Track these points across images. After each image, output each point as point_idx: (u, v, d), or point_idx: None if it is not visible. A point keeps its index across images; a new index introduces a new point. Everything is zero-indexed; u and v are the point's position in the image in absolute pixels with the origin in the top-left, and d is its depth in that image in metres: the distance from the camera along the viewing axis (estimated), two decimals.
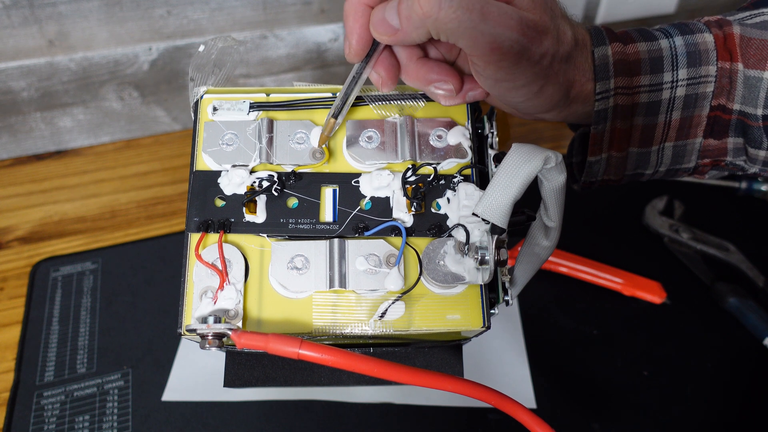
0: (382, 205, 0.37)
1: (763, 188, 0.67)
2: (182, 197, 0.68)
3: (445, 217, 0.37)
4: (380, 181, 0.37)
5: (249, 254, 0.36)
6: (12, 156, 0.72)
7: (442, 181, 0.37)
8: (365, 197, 0.37)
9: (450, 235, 0.36)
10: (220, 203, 0.36)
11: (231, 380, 0.39)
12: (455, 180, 0.37)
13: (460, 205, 0.36)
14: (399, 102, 0.39)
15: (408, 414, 0.51)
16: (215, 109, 0.38)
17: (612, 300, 0.59)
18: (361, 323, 0.35)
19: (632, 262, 0.61)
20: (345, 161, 0.38)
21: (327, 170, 0.38)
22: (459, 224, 0.35)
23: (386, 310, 0.34)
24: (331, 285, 0.35)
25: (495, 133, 0.39)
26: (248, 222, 0.36)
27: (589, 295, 0.59)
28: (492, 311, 0.36)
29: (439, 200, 0.37)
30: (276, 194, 0.36)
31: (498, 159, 0.36)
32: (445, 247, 0.35)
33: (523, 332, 0.56)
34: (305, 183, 0.37)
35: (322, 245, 0.36)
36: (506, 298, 0.38)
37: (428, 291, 0.36)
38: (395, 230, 0.36)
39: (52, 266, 0.61)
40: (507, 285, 0.38)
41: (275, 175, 0.37)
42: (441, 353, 0.41)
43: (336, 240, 0.36)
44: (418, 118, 0.39)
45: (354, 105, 0.39)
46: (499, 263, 0.33)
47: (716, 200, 0.68)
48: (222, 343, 0.32)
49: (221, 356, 0.40)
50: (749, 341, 0.56)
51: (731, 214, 0.67)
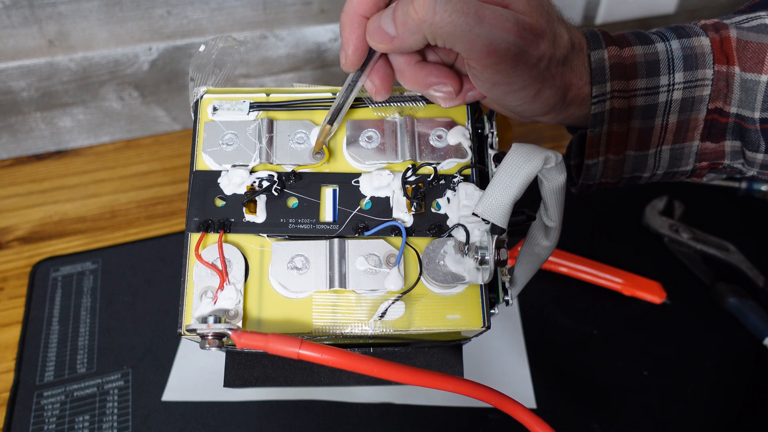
0: (382, 205, 0.37)
1: (763, 188, 0.67)
2: (182, 197, 0.68)
3: (445, 217, 0.37)
4: (380, 181, 0.37)
5: (249, 254, 0.36)
6: (12, 156, 0.72)
7: (442, 181, 0.37)
8: (365, 197, 0.37)
9: (450, 235, 0.36)
10: (220, 203, 0.36)
11: (231, 380, 0.39)
12: (455, 180, 0.37)
13: (460, 205, 0.36)
14: (399, 104, 0.39)
15: (408, 414, 0.51)
16: (215, 109, 0.38)
17: (612, 300, 0.59)
18: (361, 323, 0.35)
19: (632, 262, 0.61)
20: (345, 161, 0.38)
21: (327, 170, 0.38)
22: (459, 224, 0.35)
23: (386, 310, 0.34)
24: (331, 285, 0.35)
25: (495, 133, 0.39)
26: (248, 222, 0.36)
27: (589, 295, 0.59)
28: (492, 311, 0.36)
29: (439, 200, 0.37)
30: (276, 194, 0.36)
31: (498, 159, 0.36)
32: (445, 247, 0.35)
33: (523, 332, 0.56)
34: (305, 183, 0.37)
35: (322, 245, 0.36)
36: (506, 298, 0.38)
37: (428, 291, 0.36)
38: (395, 230, 0.36)
39: (52, 266, 0.61)
40: (507, 285, 0.38)
41: (275, 175, 0.37)
42: (441, 353, 0.41)
43: (336, 240, 0.36)
44: (418, 118, 0.39)
45: (354, 106, 0.39)
46: (499, 263, 0.33)
47: (716, 200, 0.68)
48: (222, 343, 0.32)
49: (221, 356, 0.40)
50: (749, 341, 0.56)
51: (731, 214, 0.67)
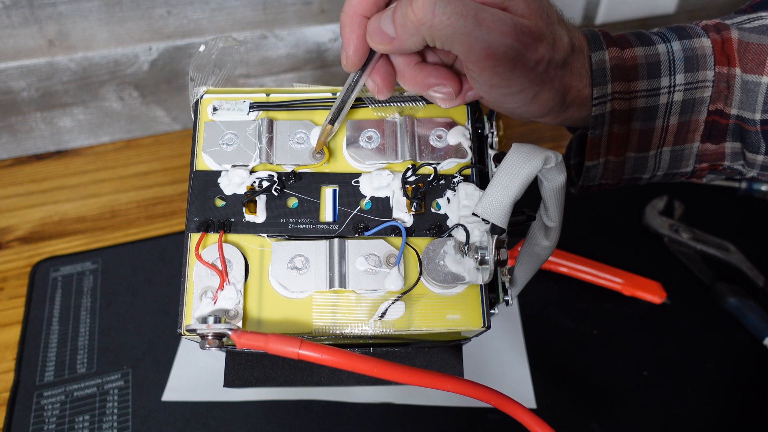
0: (382, 205, 0.37)
1: (763, 188, 0.67)
2: (182, 197, 0.68)
3: (445, 217, 0.37)
4: (380, 181, 0.37)
5: (249, 254, 0.36)
6: (12, 156, 0.72)
7: (442, 181, 0.37)
8: (365, 197, 0.37)
9: (450, 235, 0.36)
10: (220, 203, 0.36)
11: (231, 380, 0.39)
12: (455, 180, 0.37)
13: (460, 205, 0.36)
14: (399, 104, 0.39)
15: (408, 414, 0.51)
16: (215, 109, 0.38)
17: (612, 300, 0.59)
18: (361, 323, 0.35)
19: (632, 262, 0.61)
20: (345, 161, 0.38)
21: (327, 170, 0.38)
22: (459, 224, 0.35)
23: (386, 310, 0.34)
24: (331, 285, 0.35)
25: (495, 133, 0.39)
26: (248, 222, 0.36)
27: (589, 295, 0.59)
28: (492, 311, 0.36)
29: (439, 200, 0.37)
30: (276, 194, 0.36)
31: (498, 159, 0.36)
32: (445, 247, 0.35)
33: (523, 332, 0.56)
34: (305, 183, 0.37)
35: (322, 245, 0.35)
36: (506, 298, 0.38)
37: (428, 291, 0.36)
38: (395, 230, 0.36)
39: (52, 266, 0.61)
40: (507, 285, 0.38)
41: (275, 175, 0.37)
42: (441, 353, 0.40)
43: (336, 240, 0.36)
44: (418, 118, 0.39)
45: (354, 106, 0.39)
46: (499, 263, 0.33)
47: (716, 200, 0.68)
48: (222, 343, 0.32)
49: (221, 356, 0.40)
50: (749, 341, 0.56)
51: (731, 214, 0.67)
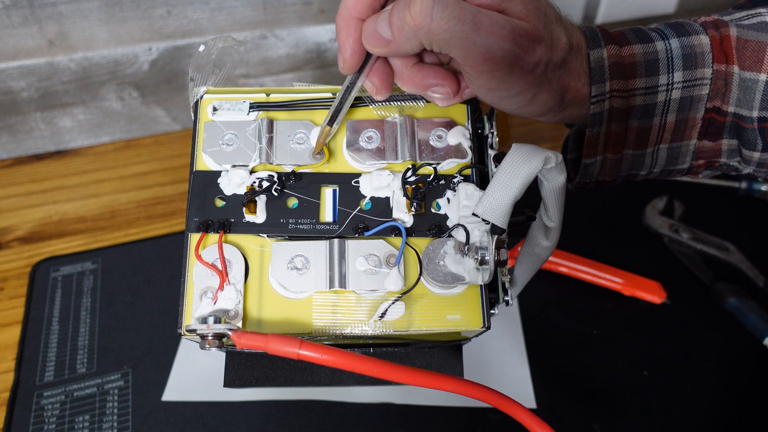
0: (382, 205, 0.37)
1: (763, 188, 0.67)
2: (182, 197, 0.68)
3: (445, 217, 0.37)
4: (380, 182, 0.37)
5: (249, 254, 0.36)
6: (12, 156, 0.72)
7: (442, 181, 0.37)
8: (365, 197, 0.37)
9: (450, 236, 0.36)
10: (220, 203, 0.36)
11: (231, 380, 0.39)
12: (455, 180, 0.37)
13: (460, 206, 0.36)
14: (399, 103, 0.39)
15: (408, 414, 0.51)
16: (215, 109, 0.38)
17: (612, 300, 0.59)
18: (361, 323, 0.35)
19: (632, 262, 0.61)
20: (345, 161, 0.38)
21: (327, 170, 0.38)
22: (459, 224, 0.35)
23: (386, 311, 0.34)
24: (331, 285, 0.35)
25: (495, 133, 0.39)
26: (248, 222, 0.36)
27: (589, 295, 0.59)
28: (492, 311, 0.36)
29: (439, 200, 0.37)
30: (276, 194, 0.36)
31: (498, 159, 0.36)
32: (445, 248, 0.35)
33: (523, 332, 0.56)
34: (305, 183, 0.37)
35: (322, 245, 0.35)
36: (506, 298, 0.38)
37: (428, 291, 0.36)
38: (395, 230, 0.36)
39: (52, 266, 0.61)
40: (507, 285, 0.38)
41: (275, 175, 0.37)
42: (441, 353, 0.41)
43: (336, 240, 0.36)
44: (418, 119, 0.39)
45: (354, 105, 0.39)
46: (499, 263, 0.33)
47: (716, 200, 0.68)
48: (222, 344, 0.32)
49: (221, 356, 0.40)
50: (749, 341, 0.56)
51: (731, 214, 0.67)
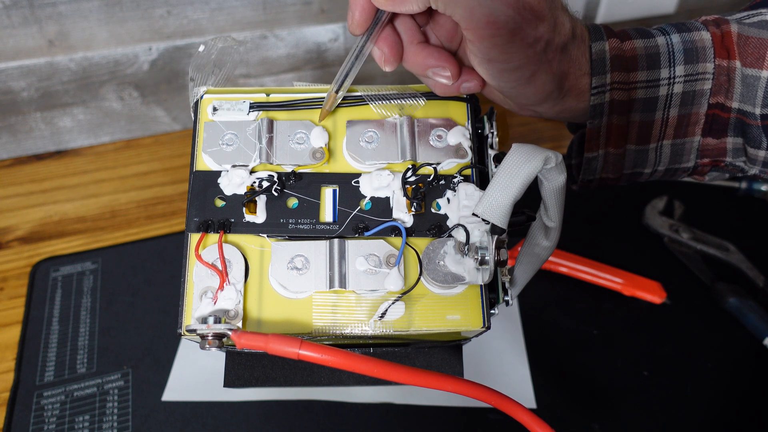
0: (382, 205, 0.37)
1: (763, 188, 0.67)
2: (182, 197, 0.68)
3: (445, 217, 0.37)
4: (380, 181, 0.37)
5: (249, 254, 0.36)
6: (12, 156, 0.72)
7: (442, 181, 0.37)
8: (365, 197, 0.37)
9: (450, 236, 0.36)
10: (220, 203, 0.36)
11: (231, 380, 0.39)
12: (455, 180, 0.37)
13: (460, 206, 0.36)
14: (399, 101, 0.39)
15: (408, 414, 0.51)
16: (215, 109, 0.38)
17: (612, 300, 0.59)
18: (361, 323, 0.35)
19: (632, 262, 0.61)
20: (345, 161, 0.38)
21: (327, 170, 0.38)
22: (459, 224, 0.35)
23: (386, 311, 0.34)
24: (331, 285, 0.35)
25: (495, 133, 0.39)
26: (248, 222, 0.36)
27: (589, 295, 0.59)
28: (492, 311, 0.36)
29: (439, 200, 0.37)
30: (276, 194, 0.36)
31: (498, 159, 0.36)
32: (445, 248, 0.35)
33: (523, 332, 0.56)
34: (305, 183, 0.37)
35: (322, 245, 0.35)
36: (506, 299, 0.38)
37: (428, 291, 0.36)
38: (395, 230, 0.36)
39: (52, 266, 0.61)
40: (507, 285, 0.38)
41: (275, 175, 0.37)
42: (441, 353, 0.41)
43: (336, 240, 0.36)
44: (418, 119, 0.39)
45: (354, 105, 0.39)
46: (499, 263, 0.33)
47: (716, 200, 0.68)
48: (222, 344, 0.32)
49: (221, 356, 0.40)
50: (749, 341, 0.56)
51: (731, 214, 0.67)
